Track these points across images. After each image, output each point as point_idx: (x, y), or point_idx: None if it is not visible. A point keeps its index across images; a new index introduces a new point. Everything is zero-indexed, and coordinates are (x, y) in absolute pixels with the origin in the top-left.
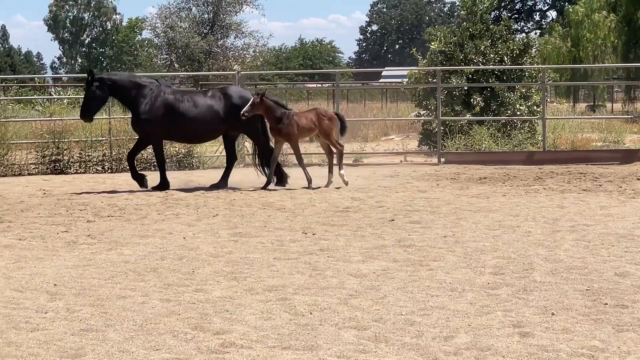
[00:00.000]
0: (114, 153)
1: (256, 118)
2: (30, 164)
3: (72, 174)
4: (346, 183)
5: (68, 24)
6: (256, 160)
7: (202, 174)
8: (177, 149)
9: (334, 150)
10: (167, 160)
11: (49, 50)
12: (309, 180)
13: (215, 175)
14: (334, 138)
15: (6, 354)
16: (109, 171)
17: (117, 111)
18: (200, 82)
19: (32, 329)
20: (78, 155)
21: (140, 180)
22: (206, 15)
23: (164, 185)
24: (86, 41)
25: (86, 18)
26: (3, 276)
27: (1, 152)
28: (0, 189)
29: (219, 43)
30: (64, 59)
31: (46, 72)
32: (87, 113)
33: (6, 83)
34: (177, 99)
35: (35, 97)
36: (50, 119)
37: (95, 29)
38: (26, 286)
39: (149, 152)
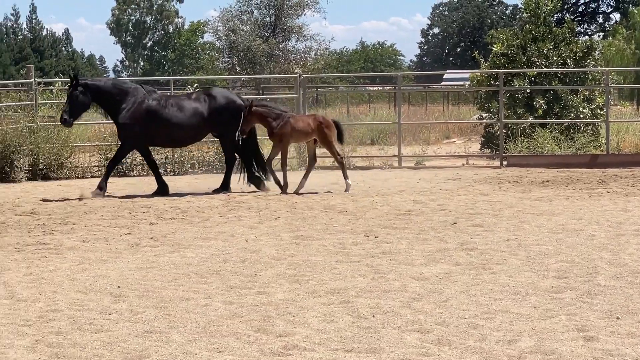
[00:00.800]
0: (175, 156)
1: (232, 125)
2: (93, 166)
3: (134, 176)
4: (347, 190)
5: (130, 28)
6: (241, 168)
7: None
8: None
9: (335, 160)
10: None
11: (112, 53)
12: (285, 185)
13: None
14: (335, 148)
15: (71, 355)
16: (171, 174)
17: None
18: (262, 85)
19: (96, 330)
20: (140, 157)
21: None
22: (268, 19)
23: (163, 189)
24: (148, 44)
25: (148, 21)
26: (67, 278)
27: (65, 155)
28: (63, 191)
29: (280, 46)
30: (126, 62)
31: (109, 76)
32: (68, 118)
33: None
34: (161, 104)
35: None
36: (111, 122)
37: (157, 33)
38: (90, 288)
39: (209, 154)
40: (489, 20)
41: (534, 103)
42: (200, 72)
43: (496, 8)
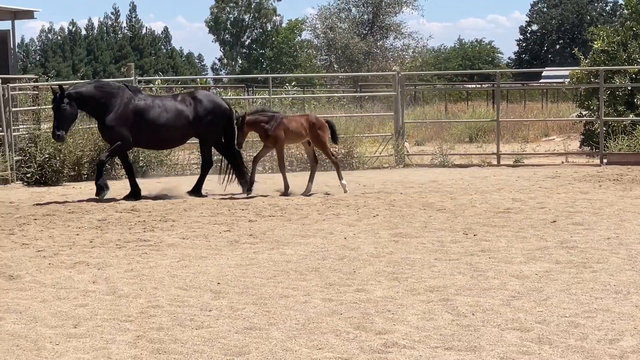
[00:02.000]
0: (274, 153)
1: (219, 125)
2: (192, 164)
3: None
4: (345, 191)
5: (229, 26)
6: (227, 170)
7: (362, 175)
8: (336, 149)
9: (330, 161)
10: (327, 160)
11: (210, 51)
12: (286, 188)
13: (375, 176)
14: (328, 149)
15: (172, 350)
16: (270, 171)
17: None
18: (359, 83)
19: (197, 326)
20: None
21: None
22: (366, 16)
23: (135, 194)
24: (246, 42)
25: (246, 20)
26: (168, 274)
27: (165, 153)
28: (164, 188)
29: (378, 44)
30: (225, 61)
31: (207, 74)
32: (60, 132)
33: (169, 84)
34: (148, 105)
35: None
36: None
37: (256, 31)
38: (190, 284)
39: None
40: (588, 17)
41: (635, 100)
42: (298, 70)
43: (596, 5)
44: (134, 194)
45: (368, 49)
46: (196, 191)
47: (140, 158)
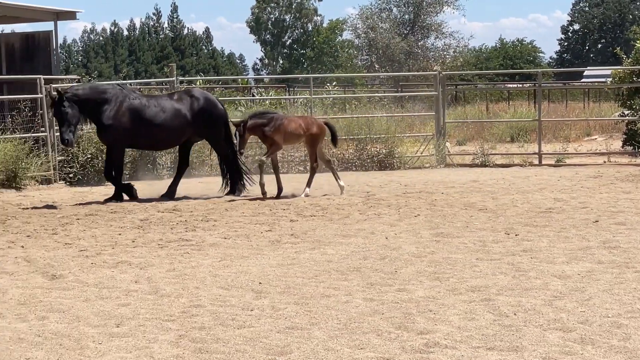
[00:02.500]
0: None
1: (219, 126)
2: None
3: (273, 174)
4: (306, 195)
5: (270, 26)
6: (224, 170)
7: (403, 174)
8: (377, 149)
9: (310, 164)
10: (368, 160)
11: (251, 52)
12: (280, 189)
13: (416, 176)
14: (316, 153)
15: (214, 350)
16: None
17: (319, 112)
18: (400, 83)
19: (239, 326)
20: (280, 155)
21: (129, 190)
22: (407, 16)
23: (118, 196)
24: (287, 42)
25: (287, 20)
26: (210, 274)
27: (206, 152)
28: (205, 188)
29: (419, 44)
30: (266, 61)
31: (248, 74)
32: (68, 137)
33: (210, 84)
34: (144, 105)
35: (238, 98)
36: None
37: (297, 31)
38: (232, 284)
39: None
40: (630, 16)
41: None
42: (339, 70)
43: (638, 4)
44: (117, 196)
45: (409, 48)
46: (232, 191)
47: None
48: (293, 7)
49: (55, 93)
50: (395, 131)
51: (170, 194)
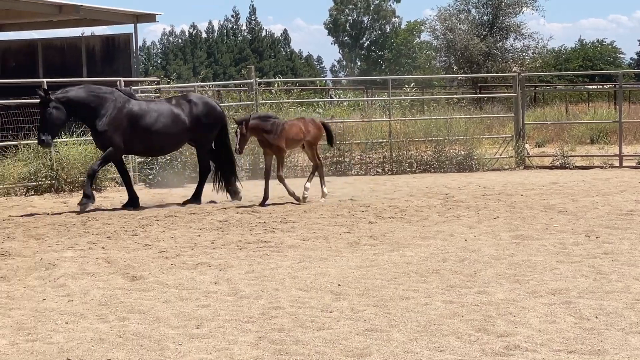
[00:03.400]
0: (394, 155)
1: (214, 129)
2: (312, 165)
3: (352, 175)
4: (324, 195)
5: (348, 28)
6: (217, 177)
7: (482, 176)
8: (456, 150)
9: (313, 163)
10: (446, 162)
11: (329, 53)
12: (292, 194)
13: (495, 177)
14: (316, 151)
15: (294, 351)
16: (389, 173)
17: (397, 114)
18: (479, 85)
19: (318, 327)
20: (359, 157)
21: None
22: (485, 17)
23: (134, 202)
24: (365, 44)
25: (365, 21)
26: (289, 275)
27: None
28: (284, 190)
29: (498, 45)
30: (344, 62)
31: (326, 75)
32: (46, 138)
33: (288, 86)
34: (143, 110)
35: (316, 99)
36: (331, 121)
37: (375, 32)
38: (311, 286)
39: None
40: None
41: None
42: (417, 72)
43: None
44: (132, 202)
45: (488, 50)
46: (196, 198)
47: (261, 160)
48: (371, 8)
49: (42, 93)
50: (474, 133)
51: (196, 197)
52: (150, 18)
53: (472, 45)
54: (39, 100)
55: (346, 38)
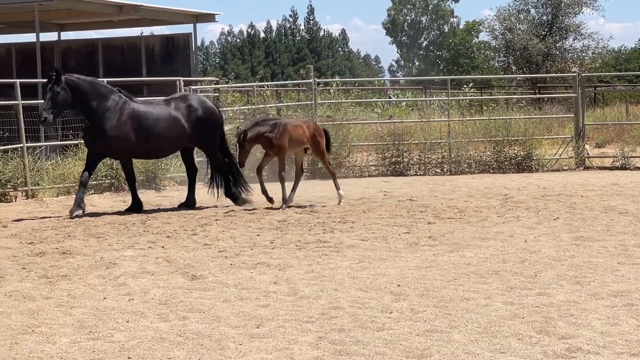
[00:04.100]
0: (452, 155)
1: (215, 132)
2: (371, 165)
3: (411, 175)
4: (340, 202)
5: (406, 27)
6: (213, 179)
7: (542, 177)
8: (515, 151)
9: (327, 170)
10: (505, 162)
11: (386, 53)
12: (284, 199)
13: (554, 178)
14: (327, 157)
15: (354, 352)
16: (448, 173)
17: (455, 114)
18: (538, 85)
19: (378, 328)
20: (417, 157)
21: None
22: (545, 17)
23: (137, 205)
24: (423, 44)
25: (424, 21)
26: (348, 276)
27: (343, 154)
28: (342, 190)
29: (557, 45)
30: (402, 62)
31: (384, 75)
32: (49, 116)
33: (347, 86)
34: (143, 112)
35: (374, 100)
36: (389, 121)
37: (433, 32)
38: (370, 286)
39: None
40: None
41: None
42: (476, 72)
43: None
44: (136, 206)
45: (547, 50)
46: (235, 199)
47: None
48: (429, 8)
49: (53, 73)
50: (533, 133)
51: (190, 204)
52: (209, 18)
53: (531, 46)
54: (47, 79)
55: (404, 38)
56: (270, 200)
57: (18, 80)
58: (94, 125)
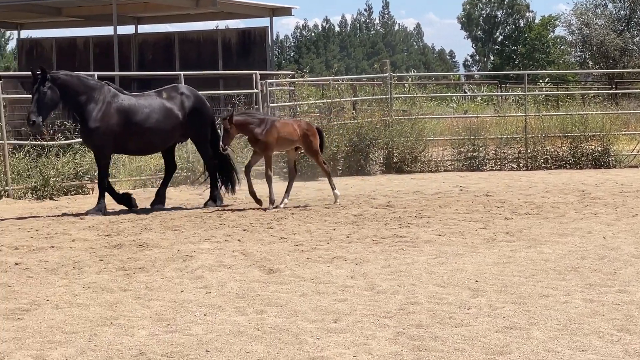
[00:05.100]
0: (529, 150)
1: (206, 124)
2: (446, 160)
3: (487, 170)
4: (336, 201)
5: (481, 22)
6: (205, 174)
7: (619, 173)
8: (592, 146)
9: (322, 169)
10: (582, 158)
11: (461, 48)
12: (272, 201)
13: (632, 174)
14: (321, 157)
15: (432, 348)
16: (524, 169)
17: (531, 109)
18: (615, 80)
19: (456, 324)
20: (493, 152)
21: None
22: (622, 12)
23: (100, 209)
24: (498, 39)
25: (499, 16)
26: (425, 271)
27: (419, 149)
28: (417, 184)
29: (635, 40)
30: (476, 57)
31: (459, 70)
32: (36, 118)
33: (422, 81)
34: (133, 105)
35: (449, 94)
36: (465, 116)
37: (508, 27)
38: (448, 282)
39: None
40: None
41: None
42: (551, 67)
43: None
44: (98, 209)
45: (624, 45)
46: (213, 201)
47: (394, 154)
48: (505, 3)
49: (38, 71)
50: (611, 129)
51: (160, 201)
52: (285, 12)
53: (608, 41)
54: (33, 79)
55: (479, 32)
56: (258, 202)
57: (96, 73)
58: (82, 120)
